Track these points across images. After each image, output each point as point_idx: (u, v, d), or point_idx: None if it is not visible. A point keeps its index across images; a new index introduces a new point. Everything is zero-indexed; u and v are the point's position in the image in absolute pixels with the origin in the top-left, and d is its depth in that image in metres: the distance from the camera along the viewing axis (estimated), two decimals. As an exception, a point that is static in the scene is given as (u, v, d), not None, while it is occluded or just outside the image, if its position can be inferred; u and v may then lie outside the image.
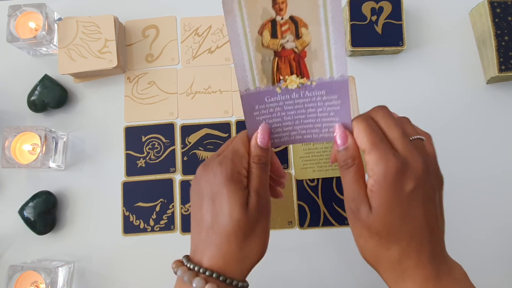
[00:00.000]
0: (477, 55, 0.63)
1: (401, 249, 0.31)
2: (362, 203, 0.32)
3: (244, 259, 0.34)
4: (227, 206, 0.33)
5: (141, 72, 0.65)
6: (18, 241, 0.60)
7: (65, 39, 0.61)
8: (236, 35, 0.32)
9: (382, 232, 0.31)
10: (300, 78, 0.33)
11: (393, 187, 0.30)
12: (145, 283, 0.59)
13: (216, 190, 0.34)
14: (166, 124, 0.63)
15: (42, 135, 0.57)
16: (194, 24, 0.66)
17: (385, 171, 0.30)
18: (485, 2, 0.59)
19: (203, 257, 0.34)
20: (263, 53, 0.33)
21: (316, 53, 0.32)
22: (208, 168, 0.35)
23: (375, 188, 0.31)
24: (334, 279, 0.58)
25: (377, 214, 0.31)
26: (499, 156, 0.60)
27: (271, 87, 0.34)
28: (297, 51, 0.32)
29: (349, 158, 0.33)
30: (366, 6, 0.61)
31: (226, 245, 0.34)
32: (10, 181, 0.62)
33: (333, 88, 0.33)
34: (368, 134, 0.31)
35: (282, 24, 0.31)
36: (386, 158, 0.30)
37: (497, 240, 0.58)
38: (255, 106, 0.35)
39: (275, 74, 0.33)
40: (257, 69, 0.33)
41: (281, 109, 0.35)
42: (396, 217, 0.31)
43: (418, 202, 0.31)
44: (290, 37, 0.32)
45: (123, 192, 0.61)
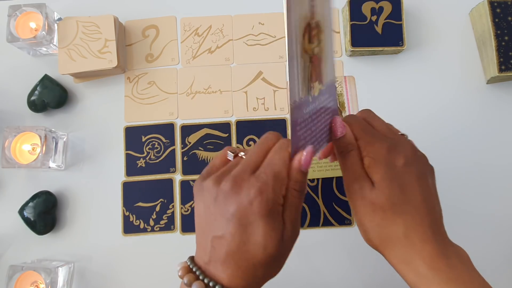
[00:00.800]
0: (477, 55, 0.63)
1: (406, 222, 0.32)
2: (365, 180, 0.34)
3: (265, 280, 0.33)
4: (262, 239, 0.30)
5: (141, 72, 0.65)
6: (18, 241, 0.60)
7: (65, 39, 0.61)
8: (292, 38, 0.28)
9: (386, 205, 0.32)
10: (319, 84, 0.33)
11: (386, 161, 0.33)
12: (145, 283, 0.59)
13: (250, 219, 0.30)
14: (166, 124, 0.63)
15: (42, 135, 0.57)
16: (194, 24, 0.66)
17: (377, 149, 0.34)
18: (485, 2, 0.59)
19: (221, 274, 0.31)
20: (304, 59, 0.30)
21: (326, 58, 0.32)
22: (242, 190, 0.31)
23: (371, 164, 0.34)
24: (334, 279, 0.58)
25: (379, 187, 0.33)
26: (499, 156, 0.60)
27: (307, 96, 0.31)
28: (318, 57, 0.31)
29: (349, 144, 0.35)
30: (366, 6, 0.61)
31: (252, 271, 0.31)
32: (10, 181, 0.62)
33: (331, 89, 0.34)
34: (359, 125, 0.36)
35: (312, 28, 0.30)
36: (376, 139, 0.35)
37: (497, 240, 0.58)
38: (298, 119, 0.31)
39: (308, 82, 0.31)
40: (301, 77, 0.30)
41: (311, 119, 0.32)
42: (396, 189, 0.33)
43: (412, 177, 0.33)
44: (316, 42, 0.31)
45: (123, 192, 0.61)
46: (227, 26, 0.66)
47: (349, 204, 0.37)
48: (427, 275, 0.31)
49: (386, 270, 0.58)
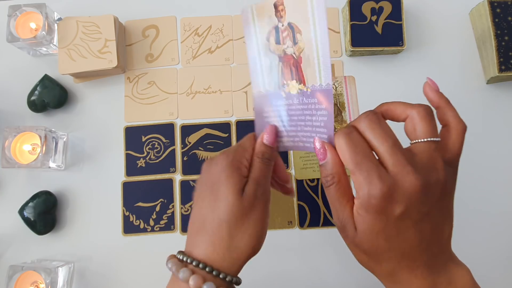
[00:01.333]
0: (477, 55, 0.63)
1: (392, 266, 0.30)
2: (347, 224, 0.30)
3: (234, 249, 0.33)
4: (223, 190, 0.33)
5: (141, 72, 0.65)
6: (18, 241, 0.60)
7: (65, 39, 0.61)
8: (251, 42, 0.35)
9: (369, 252, 0.30)
10: (299, 84, 0.33)
11: (378, 212, 0.28)
12: (145, 283, 0.59)
13: (215, 177, 0.34)
14: (166, 124, 0.63)
15: (42, 135, 0.57)
16: (194, 24, 0.66)
17: (368, 195, 0.27)
18: (485, 2, 0.59)
19: (194, 247, 0.34)
20: (270, 58, 0.35)
21: (309, 60, 0.31)
22: (212, 160, 0.36)
23: (360, 211, 0.29)
24: (334, 279, 0.58)
25: (362, 237, 0.29)
26: (499, 156, 0.60)
27: (277, 90, 0.35)
28: (295, 57, 0.33)
29: (329, 175, 0.30)
30: (366, 6, 0.61)
31: (217, 232, 0.33)
32: (10, 181, 0.62)
33: (322, 97, 0.31)
34: (350, 151, 0.28)
35: (283, 30, 0.33)
36: (370, 181, 0.27)
37: (498, 239, 0.58)
38: (264, 108, 0.36)
39: (279, 79, 0.35)
40: (265, 73, 0.35)
41: (286, 113, 0.35)
42: (382, 241, 0.29)
43: (409, 224, 0.28)
44: (289, 43, 0.33)
45: (123, 192, 0.61)
46: (227, 26, 0.66)
47: None
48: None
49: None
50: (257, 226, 0.34)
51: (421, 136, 0.29)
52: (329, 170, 0.30)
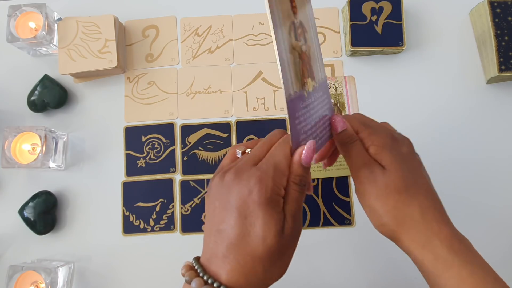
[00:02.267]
0: (477, 55, 0.63)
1: (421, 204, 0.33)
2: (375, 165, 0.35)
3: (265, 280, 0.32)
4: (261, 230, 0.30)
5: (141, 72, 0.65)
6: (18, 241, 0.60)
7: (65, 39, 0.61)
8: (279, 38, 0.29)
9: (401, 186, 0.33)
10: (312, 80, 0.33)
11: (392, 148, 0.35)
12: (145, 283, 0.59)
13: (250, 208, 0.31)
14: (166, 124, 0.63)
15: (42, 135, 0.57)
16: (194, 24, 0.66)
17: (381, 138, 0.35)
18: (485, 2, 0.59)
19: (221, 270, 0.31)
20: (293, 55, 0.31)
21: (314, 57, 0.33)
22: (243, 179, 0.31)
23: (378, 151, 0.35)
24: (334, 279, 0.58)
25: (392, 169, 0.34)
26: (500, 156, 0.60)
27: (302, 90, 0.32)
28: (307, 54, 0.33)
29: (352, 135, 0.36)
30: (366, 6, 0.61)
31: (251, 266, 0.31)
32: (10, 181, 0.62)
33: (323, 88, 0.35)
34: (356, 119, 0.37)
35: (298, 27, 0.31)
36: (379, 130, 0.36)
37: (498, 239, 0.58)
38: (295, 113, 0.31)
39: (302, 77, 0.32)
40: (293, 73, 0.31)
41: (309, 114, 0.33)
42: (407, 171, 0.34)
43: (417, 163, 0.36)
44: (303, 40, 0.32)
45: (123, 192, 0.61)
46: (227, 26, 0.66)
47: (356, 193, 0.36)
48: (446, 258, 0.31)
49: (386, 269, 0.58)
50: (289, 259, 0.33)
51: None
52: (349, 132, 0.36)
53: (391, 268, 0.58)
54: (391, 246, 0.58)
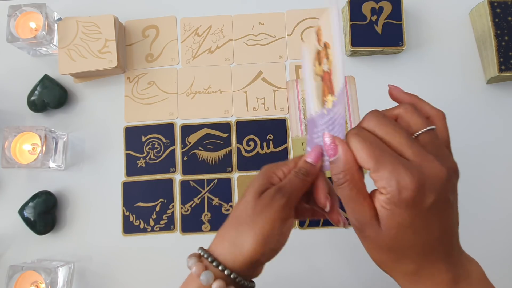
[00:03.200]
0: (477, 55, 0.63)
1: (416, 263, 0.29)
2: (368, 223, 0.28)
3: (236, 245, 0.33)
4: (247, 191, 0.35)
5: (141, 72, 0.65)
6: (18, 241, 0.60)
7: (65, 39, 0.61)
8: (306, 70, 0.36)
9: (394, 249, 0.29)
10: (331, 96, 0.33)
11: (410, 205, 0.26)
12: (145, 283, 0.59)
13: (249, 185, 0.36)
14: (166, 124, 0.63)
15: (42, 135, 0.57)
16: (194, 24, 0.66)
17: (398, 189, 0.26)
18: (485, 2, 0.59)
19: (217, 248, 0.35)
20: (316, 80, 0.35)
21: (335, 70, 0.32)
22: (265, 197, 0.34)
23: (389, 207, 0.27)
24: (334, 279, 0.58)
25: (389, 234, 0.28)
26: (499, 156, 0.60)
27: (321, 109, 0.34)
28: (329, 72, 0.33)
29: (341, 173, 0.28)
30: (366, 6, 0.61)
31: (228, 227, 0.35)
32: (10, 181, 0.62)
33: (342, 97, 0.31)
34: (366, 148, 0.27)
35: (321, 51, 0.34)
36: (398, 173, 0.26)
37: (498, 239, 0.58)
38: (313, 130, 0.36)
39: (322, 97, 0.34)
40: (315, 96, 0.35)
41: (328, 129, 0.33)
42: (410, 234, 0.27)
43: (436, 213, 0.27)
44: (325, 60, 0.33)
45: (123, 192, 0.61)
46: (227, 26, 0.66)
47: None
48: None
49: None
50: (264, 227, 0.33)
51: (420, 127, 0.29)
52: (340, 167, 0.28)
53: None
54: (391, 246, 0.58)
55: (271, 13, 0.66)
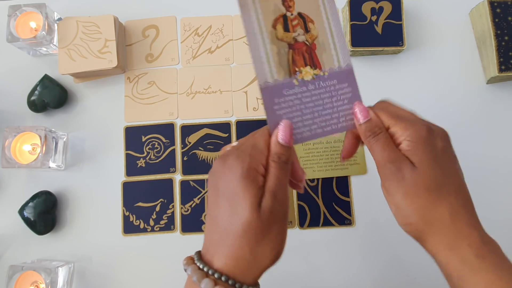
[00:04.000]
0: (477, 55, 0.63)
1: (451, 205, 0.31)
2: (403, 162, 0.32)
3: (255, 263, 0.32)
4: (240, 206, 0.31)
5: (141, 72, 0.65)
6: (18, 241, 0.60)
7: (65, 39, 0.61)
8: (252, 29, 0.34)
9: (431, 186, 0.32)
10: (314, 69, 0.34)
11: (427, 143, 0.32)
12: (145, 283, 0.59)
13: (232, 187, 0.32)
14: (166, 124, 0.63)
15: (42, 135, 0.57)
16: (194, 24, 0.66)
17: (416, 132, 0.33)
18: (485, 2, 0.59)
19: (214, 257, 0.32)
20: (278, 45, 0.34)
21: (324, 46, 0.34)
22: (226, 162, 0.33)
23: (411, 147, 0.32)
24: (334, 279, 0.58)
25: (423, 168, 0.32)
26: (500, 156, 0.60)
27: (288, 79, 0.35)
28: (308, 44, 0.35)
29: (375, 127, 0.34)
30: (366, 6, 0.61)
31: (238, 247, 0.32)
32: (10, 181, 0.62)
33: (343, 77, 0.35)
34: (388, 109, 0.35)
35: (292, 19, 0.34)
36: (414, 122, 0.33)
37: (497, 239, 0.58)
38: (274, 99, 0.35)
39: (291, 66, 0.35)
40: (274, 61, 0.34)
41: (299, 101, 0.35)
42: (439, 170, 0.32)
43: (451, 159, 0.33)
44: (300, 31, 0.34)
45: (123, 192, 0.61)
46: (227, 26, 0.66)
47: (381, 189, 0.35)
48: (474, 262, 0.30)
49: (386, 269, 0.58)
50: (278, 239, 0.33)
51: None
52: (374, 123, 0.35)
53: (391, 268, 0.58)
54: (391, 246, 0.59)
55: (271, 13, 0.66)
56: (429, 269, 0.58)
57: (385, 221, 0.59)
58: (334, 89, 0.35)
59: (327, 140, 0.61)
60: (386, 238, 0.59)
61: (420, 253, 0.59)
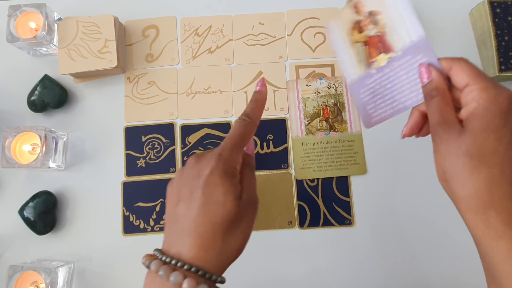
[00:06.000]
0: (477, 55, 0.63)
1: (490, 175, 0.30)
2: (451, 125, 0.32)
3: (224, 253, 0.33)
4: (222, 195, 0.33)
5: (141, 72, 0.65)
6: (18, 241, 0.60)
7: (65, 39, 0.61)
8: (336, 41, 0.41)
9: (473, 152, 0.31)
10: (386, 54, 0.37)
11: (502, 112, 0.30)
12: (145, 283, 0.59)
13: (209, 180, 0.33)
14: (166, 124, 0.63)
15: (42, 135, 0.57)
16: (194, 24, 0.66)
17: (496, 95, 0.30)
18: (485, 2, 0.59)
19: (181, 249, 0.32)
20: (356, 47, 0.40)
21: (395, 29, 0.36)
22: (202, 160, 0.35)
23: (478, 111, 0.31)
24: (334, 279, 0.58)
25: (473, 133, 0.31)
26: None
27: (367, 70, 0.39)
28: (379, 34, 0.37)
29: (433, 90, 0.34)
30: (366, 6, 0.61)
31: (211, 236, 0.32)
32: (10, 181, 0.62)
33: (416, 50, 0.36)
34: (470, 67, 0.33)
35: (363, 20, 0.38)
36: (495, 85, 0.31)
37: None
38: (360, 90, 0.40)
39: (368, 59, 0.39)
40: (355, 61, 0.40)
41: (379, 86, 0.39)
42: (493, 140, 0.30)
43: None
44: (371, 27, 0.38)
45: (123, 192, 0.61)
46: (227, 26, 0.66)
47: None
48: (498, 228, 0.30)
49: (386, 269, 0.58)
50: (248, 230, 0.35)
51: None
52: (434, 85, 0.34)
53: (391, 268, 0.58)
54: (391, 246, 0.58)
55: (271, 13, 0.66)
56: (429, 269, 0.58)
57: (385, 221, 0.59)
58: (409, 64, 0.36)
59: (327, 140, 0.61)
60: (386, 238, 0.59)
61: (420, 253, 0.59)
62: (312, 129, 0.62)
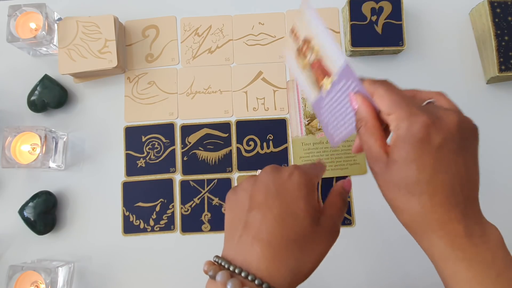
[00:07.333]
0: (477, 55, 0.63)
1: (423, 204, 0.30)
2: (377, 157, 0.32)
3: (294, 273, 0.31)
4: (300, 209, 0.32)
5: (141, 72, 0.65)
6: (18, 241, 0.60)
7: (65, 39, 0.61)
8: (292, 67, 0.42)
9: (401, 183, 0.31)
10: (327, 78, 0.37)
11: (418, 141, 0.29)
12: (145, 283, 0.59)
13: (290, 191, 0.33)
14: (166, 124, 0.63)
15: (42, 135, 0.57)
16: (194, 24, 0.66)
17: (409, 125, 0.29)
18: (485, 2, 0.59)
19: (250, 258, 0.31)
20: (306, 72, 0.40)
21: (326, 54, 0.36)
22: (282, 169, 0.35)
23: (398, 143, 0.30)
24: (334, 279, 0.58)
25: (396, 164, 0.30)
26: (499, 156, 0.60)
27: (319, 94, 0.40)
28: (318, 59, 0.38)
29: (358, 120, 0.34)
30: (366, 6, 0.61)
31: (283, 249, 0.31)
32: (10, 181, 0.62)
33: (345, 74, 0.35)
34: (388, 94, 0.32)
35: (302, 47, 0.39)
36: (411, 114, 0.30)
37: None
38: (320, 111, 0.41)
39: (317, 83, 0.39)
40: (309, 85, 0.41)
41: (332, 108, 0.39)
42: (415, 169, 0.30)
43: (446, 156, 0.30)
44: (309, 53, 0.38)
45: (123, 192, 0.61)
46: (227, 26, 0.66)
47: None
48: (444, 251, 0.30)
49: (386, 269, 0.58)
50: (320, 257, 0.34)
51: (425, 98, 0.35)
52: (358, 115, 0.34)
53: (391, 268, 0.58)
54: (391, 246, 0.58)
55: (271, 13, 0.66)
56: (428, 269, 0.58)
57: (385, 221, 0.59)
58: (345, 89, 0.36)
59: (327, 140, 0.61)
60: (386, 238, 0.59)
61: (419, 253, 0.59)
62: (312, 129, 0.62)
